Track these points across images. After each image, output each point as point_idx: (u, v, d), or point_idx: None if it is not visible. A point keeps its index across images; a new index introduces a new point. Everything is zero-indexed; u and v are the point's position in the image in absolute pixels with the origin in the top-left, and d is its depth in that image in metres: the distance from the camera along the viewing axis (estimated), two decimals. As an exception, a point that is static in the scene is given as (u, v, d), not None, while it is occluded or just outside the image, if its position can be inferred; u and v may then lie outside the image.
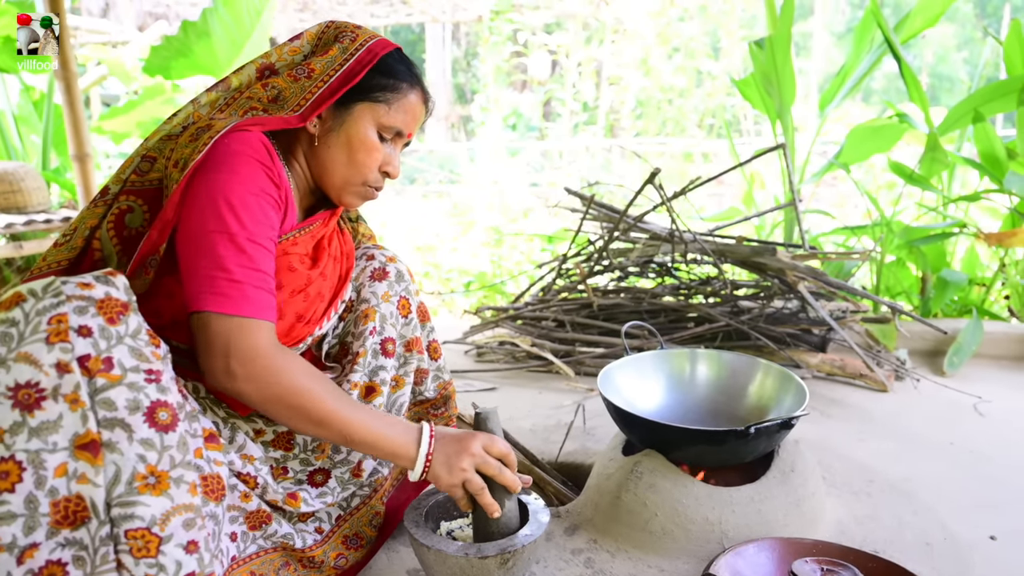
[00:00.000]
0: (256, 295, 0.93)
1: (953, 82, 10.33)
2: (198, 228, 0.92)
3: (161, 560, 0.80)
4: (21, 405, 0.75)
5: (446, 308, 3.89)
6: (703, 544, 1.21)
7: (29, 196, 3.29)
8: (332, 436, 0.98)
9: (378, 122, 1.08)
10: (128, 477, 0.79)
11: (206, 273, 0.91)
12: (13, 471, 0.75)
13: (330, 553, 1.14)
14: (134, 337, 0.82)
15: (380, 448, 1.00)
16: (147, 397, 0.81)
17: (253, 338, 0.91)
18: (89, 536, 0.79)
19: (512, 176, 5.73)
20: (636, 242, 2.59)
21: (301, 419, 0.95)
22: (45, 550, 0.77)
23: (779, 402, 1.39)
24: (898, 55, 2.67)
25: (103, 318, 0.80)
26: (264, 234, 0.96)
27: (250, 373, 0.91)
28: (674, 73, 6.96)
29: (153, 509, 0.80)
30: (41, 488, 0.76)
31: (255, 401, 0.94)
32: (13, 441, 0.75)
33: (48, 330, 0.76)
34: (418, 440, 1.02)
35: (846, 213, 4.60)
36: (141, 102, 4.31)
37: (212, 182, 0.93)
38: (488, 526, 1.08)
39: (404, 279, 1.27)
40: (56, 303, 0.78)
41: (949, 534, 1.30)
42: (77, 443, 0.77)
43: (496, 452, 1.05)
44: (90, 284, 0.81)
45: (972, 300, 2.87)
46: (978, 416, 1.93)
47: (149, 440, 0.81)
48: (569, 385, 2.22)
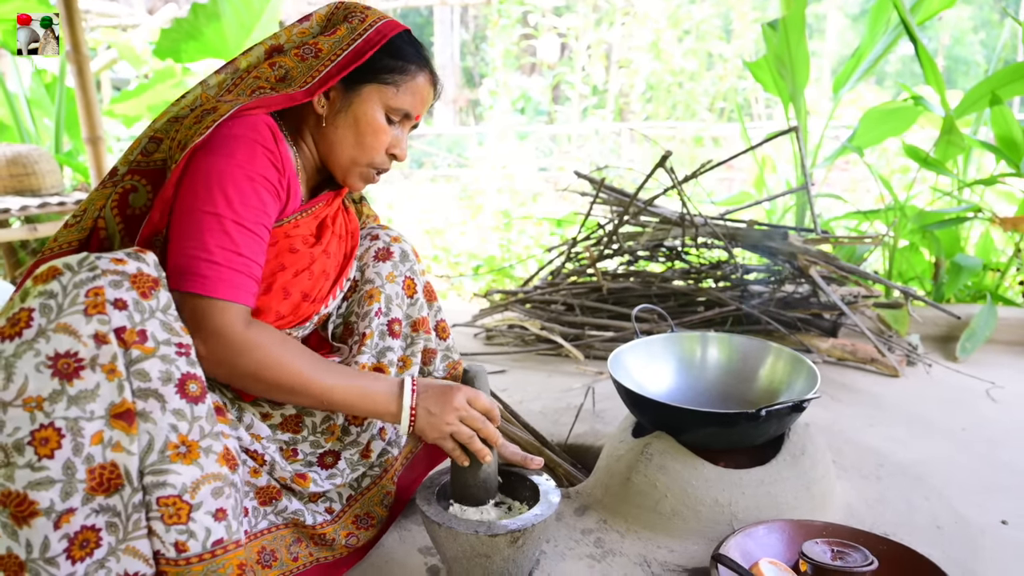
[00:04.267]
0: (232, 278, 0.93)
1: (970, 65, 10.16)
2: (189, 207, 0.93)
3: (191, 527, 0.83)
4: (60, 374, 0.77)
5: (455, 292, 3.89)
6: (713, 525, 1.21)
7: (43, 179, 3.31)
8: (312, 402, 0.99)
9: (386, 104, 1.08)
10: (161, 446, 0.82)
11: (187, 252, 0.92)
12: (52, 438, 0.77)
13: (340, 532, 1.16)
14: (164, 312, 0.85)
15: (361, 408, 1.01)
16: (178, 369, 0.84)
17: (220, 318, 0.91)
18: (122, 503, 0.81)
19: (521, 160, 5.70)
20: (646, 226, 2.58)
21: (277, 391, 0.96)
22: (80, 515, 0.79)
23: (790, 385, 1.39)
24: (914, 37, 2.63)
25: (136, 292, 0.82)
26: (253, 218, 0.96)
27: (216, 354, 0.91)
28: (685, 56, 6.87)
29: (184, 477, 0.82)
30: (78, 455, 0.78)
31: (228, 380, 0.95)
32: (53, 409, 0.77)
33: (86, 302, 0.78)
34: (399, 394, 1.02)
35: (859, 197, 4.56)
36: (152, 85, 4.31)
37: (209, 164, 0.94)
38: (466, 478, 1.09)
39: (409, 259, 1.27)
40: (92, 276, 0.80)
41: (960, 518, 1.30)
42: (113, 412, 0.80)
43: (480, 407, 1.06)
44: (123, 260, 0.83)
45: (986, 285, 2.85)
46: (991, 402, 1.92)
47: (180, 410, 0.83)
48: (578, 368, 2.23)
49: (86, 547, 0.79)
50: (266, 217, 0.98)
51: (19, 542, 0.76)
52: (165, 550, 0.82)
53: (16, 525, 0.76)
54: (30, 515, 0.76)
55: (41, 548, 0.77)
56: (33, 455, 0.76)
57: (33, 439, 0.76)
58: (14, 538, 0.76)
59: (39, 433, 0.76)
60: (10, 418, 0.76)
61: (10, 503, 0.76)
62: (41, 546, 0.77)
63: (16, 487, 0.76)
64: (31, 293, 0.78)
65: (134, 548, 0.81)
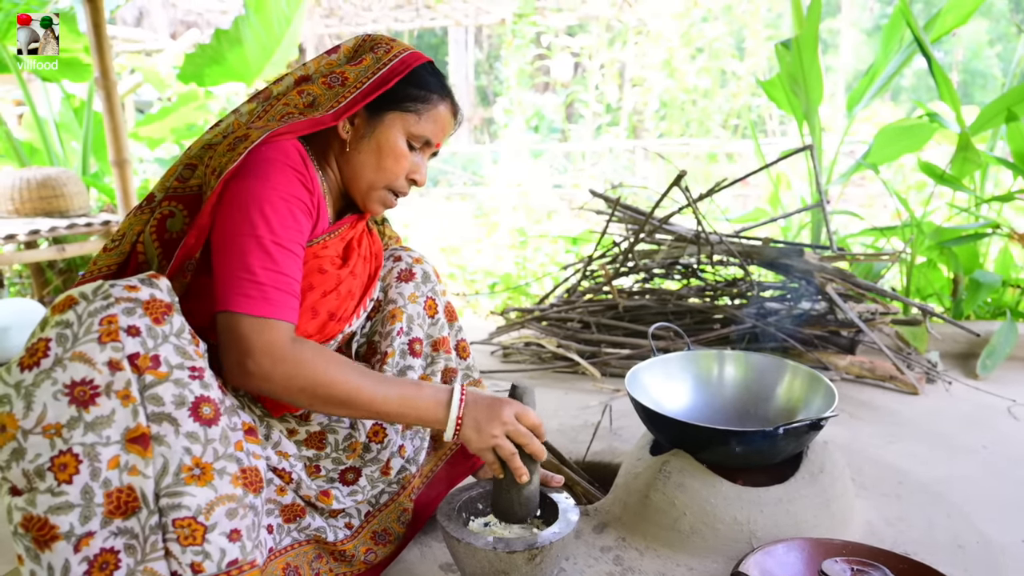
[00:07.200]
0: (277, 297, 0.96)
1: (986, 78, 10.10)
2: (230, 232, 0.97)
3: (206, 548, 0.84)
4: (77, 401, 0.80)
5: (471, 309, 3.92)
6: (732, 544, 1.22)
7: (71, 200, 3.40)
8: (361, 413, 1.01)
9: (408, 131, 1.11)
10: (175, 468, 0.83)
11: (233, 275, 0.95)
12: (71, 464, 0.79)
13: (360, 548, 1.18)
14: (178, 336, 0.87)
15: (410, 416, 1.03)
16: (191, 393, 0.86)
17: (270, 336, 0.94)
18: (140, 525, 0.83)
19: (535, 178, 5.75)
20: (661, 244, 2.59)
21: (328, 404, 0.99)
22: (99, 538, 0.81)
23: (808, 403, 1.39)
24: (928, 54, 2.64)
25: (149, 318, 0.84)
26: (292, 238, 0.99)
27: (267, 371, 0.94)
28: (698, 74, 6.92)
29: (199, 499, 0.84)
30: (96, 479, 0.80)
31: (279, 395, 0.97)
32: (71, 435, 0.79)
33: (100, 330, 0.81)
34: (448, 402, 1.04)
35: (875, 213, 4.54)
36: (175, 108, 4.43)
37: (245, 188, 0.98)
38: (509, 495, 1.10)
39: (431, 280, 1.30)
40: (106, 305, 0.82)
41: (982, 537, 1.29)
42: (128, 437, 0.82)
43: (528, 422, 1.06)
44: (136, 287, 0.85)
45: (1006, 302, 2.82)
46: (1012, 419, 1.90)
47: (194, 433, 0.85)
48: (595, 386, 2.24)
49: (106, 569, 0.81)
50: (301, 236, 1.02)
51: (41, 565, 0.79)
52: (182, 571, 0.84)
53: (38, 549, 0.79)
54: (51, 539, 0.78)
55: (62, 571, 0.79)
56: (53, 480, 0.78)
57: (53, 465, 0.78)
58: (36, 562, 0.79)
59: (58, 459, 0.79)
60: (31, 445, 0.79)
61: (32, 527, 0.78)
62: (62, 569, 0.79)
63: (38, 512, 0.78)
64: (49, 323, 0.81)
65: (152, 569, 0.83)
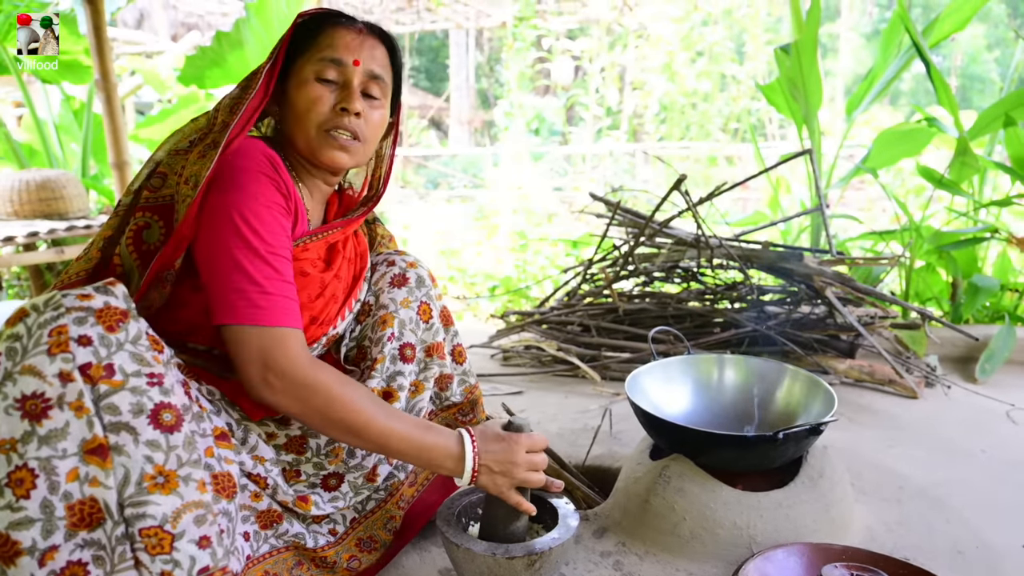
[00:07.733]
0: (285, 304, 0.96)
1: (985, 83, 10.13)
2: (221, 245, 0.96)
3: (175, 556, 0.83)
4: (29, 415, 0.79)
5: (471, 312, 3.92)
6: (731, 548, 1.22)
7: (70, 203, 3.40)
8: (369, 446, 1.01)
9: (312, 69, 1.07)
10: (137, 478, 0.82)
11: (236, 287, 0.94)
12: (27, 478, 0.78)
13: (343, 554, 1.16)
14: (135, 343, 0.85)
15: (420, 459, 1.03)
16: (150, 400, 0.84)
17: (287, 349, 0.95)
18: (106, 536, 0.82)
19: (536, 181, 5.76)
20: (661, 247, 2.59)
21: (338, 430, 0.99)
22: (65, 551, 0.80)
23: (807, 408, 1.39)
24: (927, 59, 2.65)
25: (102, 327, 0.82)
26: (281, 243, 1.00)
27: (287, 387, 0.95)
28: (698, 78, 6.93)
29: (164, 507, 0.83)
30: (55, 493, 0.79)
31: (294, 413, 0.97)
32: (25, 450, 0.78)
33: (49, 342, 0.80)
34: (460, 454, 1.04)
35: (874, 217, 4.55)
36: (176, 111, 4.43)
37: (225, 200, 0.97)
38: (497, 526, 1.11)
39: (425, 284, 1.28)
40: (56, 316, 0.81)
41: (981, 542, 1.29)
42: (86, 448, 0.80)
43: (539, 457, 1.09)
44: (89, 295, 0.84)
45: (1004, 306, 2.83)
46: (1011, 423, 1.90)
47: (155, 441, 0.83)
48: (595, 389, 2.24)
49: None
50: (288, 240, 1.02)
51: None
52: None
53: (3, 565, 0.78)
54: (14, 555, 0.78)
55: None
56: (11, 496, 0.78)
57: (9, 481, 0.78)
58: None
59: (14, 474, 0.78)
60: None
61: None
62: None
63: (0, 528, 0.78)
64: (1, 337, 0.81)
65: None
